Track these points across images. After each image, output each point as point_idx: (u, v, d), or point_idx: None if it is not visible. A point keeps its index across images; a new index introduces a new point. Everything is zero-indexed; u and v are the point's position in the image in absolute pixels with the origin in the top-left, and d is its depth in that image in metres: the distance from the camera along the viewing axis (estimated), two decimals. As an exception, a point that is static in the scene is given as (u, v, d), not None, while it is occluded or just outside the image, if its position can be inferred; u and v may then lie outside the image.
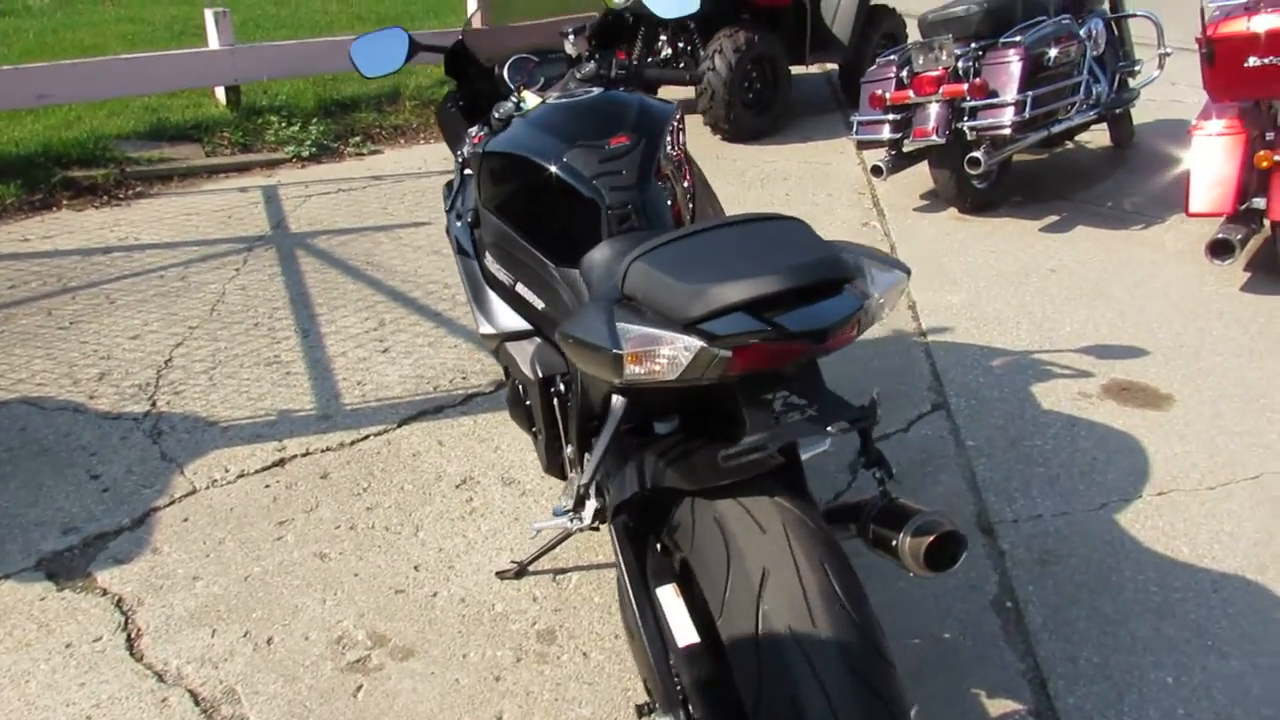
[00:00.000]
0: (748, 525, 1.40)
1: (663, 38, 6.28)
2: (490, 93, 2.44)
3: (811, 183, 5.22)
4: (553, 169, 1.85)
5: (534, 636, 2.13)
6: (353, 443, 2.82)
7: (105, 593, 2.23)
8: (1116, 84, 5.26)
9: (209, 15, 5.73)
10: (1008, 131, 4.31)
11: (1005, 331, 3.56)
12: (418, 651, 2.09)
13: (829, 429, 1.39)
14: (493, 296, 2.10)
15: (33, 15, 8.22)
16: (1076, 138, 5.82)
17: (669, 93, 6.79)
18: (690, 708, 1.44)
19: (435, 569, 2.33)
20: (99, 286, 3.80)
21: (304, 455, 2.76)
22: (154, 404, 2.99)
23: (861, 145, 4.80)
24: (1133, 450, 2.85)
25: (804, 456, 1.94)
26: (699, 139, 6.01)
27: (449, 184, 2.43)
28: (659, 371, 1.33)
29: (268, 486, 2.62)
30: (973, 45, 4.46)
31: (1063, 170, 5.45)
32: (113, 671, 2.02)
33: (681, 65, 6.32)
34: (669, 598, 1.52)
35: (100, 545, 2.38)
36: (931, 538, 1.43)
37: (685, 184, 2.07)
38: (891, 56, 4.68)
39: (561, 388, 1.96)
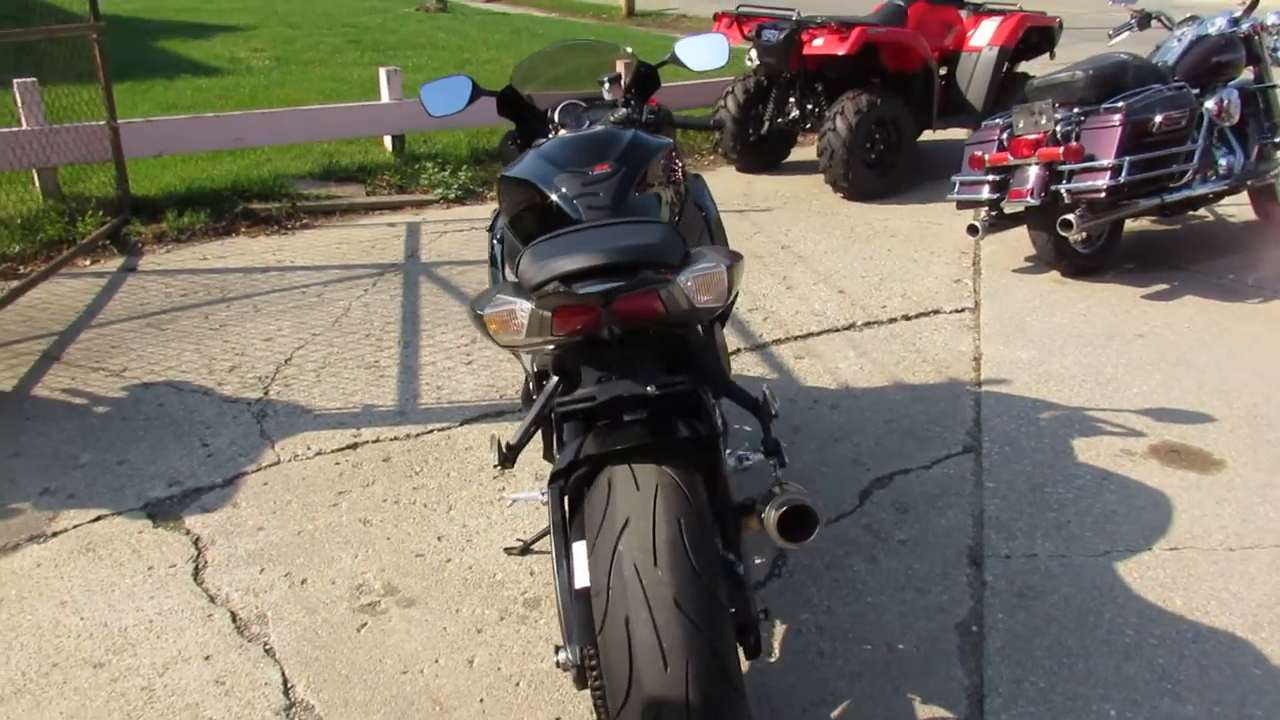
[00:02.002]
0: (628, 484, 1.66)
1: (791, 99, 6.57)
2: (543, 132, 2.82)
3: (917, 241, 5.34)
4: (545, 190, 2.17)
5: (521, 602, 2.42)
6: (418, 435, 3.22)
7: (188, 532, 2.69)
8: (1257, 155, 5.10)
9: (382, 73, 6.51)
10: (1103, 195, 4.32)
11: (1066, 388, 3.58)
12: (419, 602, 2.42)
13: (648, 389, 1.63)
14: (509, 303, 2.43)
15: (253, 74, 9.44)
16: (1216, 209, 5.66)
17: (800, 153, 7.06)
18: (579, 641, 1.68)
19: (455, 540, 2.67)
20: (250, 298, 4.43)
21: (374, 442, 3.18)
22: (266, 393, 3.50)
23: (961, 205, 4.89)
24: (1158, 507, 2.85)
25: (740, 466, 2.15)
26: (819, 196, 6.22)
27: (495, 210, 2.80)
28: (515, 332, 1.62)
29: (337, 464, 3.05)
30: (1075, 110, 4.51)
31: (1189, 241, 5.31)
32: (177, 590, 2.46)
33: (808, 126, 6.58)
34: (580, 550, 1.77)
35: (195, 497, 2.86)
36: (783, 509, 1.63)
37: (672, 206, 2.34)
38: (997, 120, 4.78)
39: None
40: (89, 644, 2.27)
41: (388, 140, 6.69)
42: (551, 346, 1.69)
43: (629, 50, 2.92)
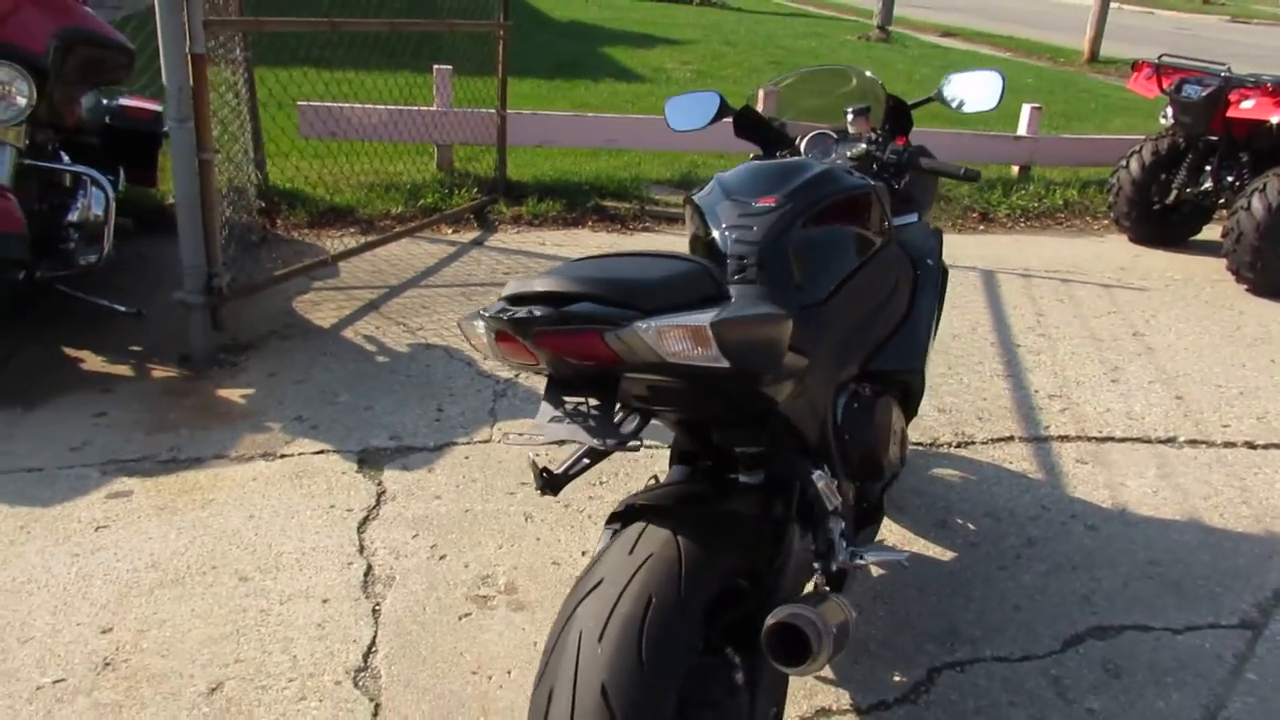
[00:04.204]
0: (627, 544, 1.48)
1: (1208, 168, 5.59)
2: (793, 158, 2.65)
3: (1321, 357, 4.29)
4: (704, 218, 2.02)
5: (618, 641, 2.29)
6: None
7: (379, 484, 2.90)
8: None
9: (760, 94, 6.56)
10: None
11: None
12: (528, 609, 2.39)
13: (597, 442, 1.42)
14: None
15: (669, 84, 10.00)
16: None
17: (1213, 230, 6.00)
18: None
19: (595, 560, 2.60)
20: (557, 285, 4.68)
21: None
22: (517, 375, 3.67)
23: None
24: None
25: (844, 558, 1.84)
26: (1216, 284, 5.24)
27: None
28: (484, 350, 1.50)
29: (536, 455, 3.10)
30: None
31: None
32: (339, 533, 2.65)
33: (1222, 201, 5.56)
34: None
35: (404, 454, 3.08)
36: (773, 621, 1.36)
37: (858, 254, 2.06)
38: None
39: None
40: (248, 557, 2.53)
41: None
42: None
43: (875, 79, 2.64)
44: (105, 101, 4.56)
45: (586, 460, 1.85)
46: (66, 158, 3.96)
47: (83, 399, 3.29)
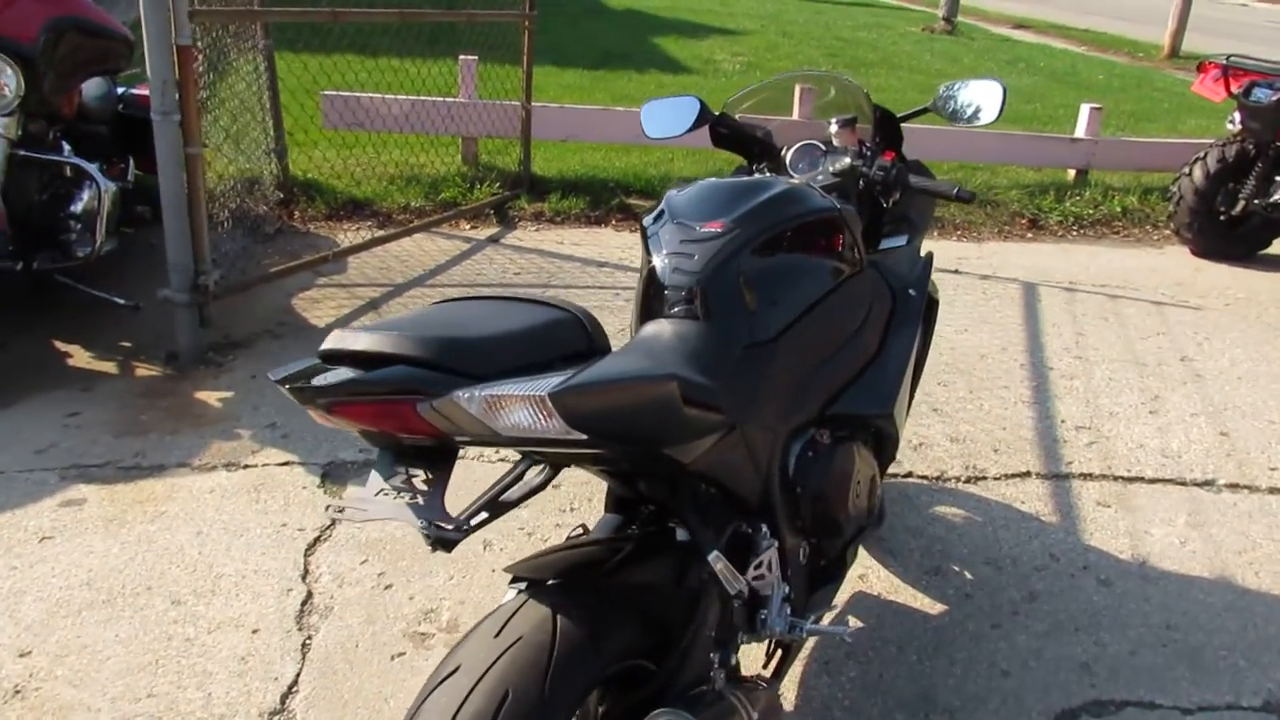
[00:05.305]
0: (496, 624, 1.31)
1: (1278, 177, 5.18)
2: (775, 171, 2.45)
3: (1391, 391, 3.92)
4: (648, 244, 1.83)
5: (557, 693, 2.11)
6: (603, 469, 3.01)
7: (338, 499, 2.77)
8: None
9: (796, 90, 6.30)
10: None
11: None
12: (465, 652, 2.22)
13: (422, 524, 1.23)
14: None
15: (716, 76, 9.75)
16: None
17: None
18: None
19: (550, 597, 2.42)
20: (568, 289, 4.51)
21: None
22: (507, 384, 3.51)
23: None
24: None
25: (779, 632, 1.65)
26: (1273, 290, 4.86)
27: None
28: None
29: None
30: None
31: None
32: (285, 555, 2.52)
33: (1291, 212, 5.16)
34: None
35: (371, 469, 2.93)
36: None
37: (825, 280, 1.85)
38: None
39: None
40: (186, 579, 2.41)
41: (788, 156, 6.48)
42: None
43: (858, 88, 2.40)
44: (119, 90, 4.51)
45: (485, 514, 1.68)
46: (69, 148, 3.90)
47: (60, 397, 3.22)
